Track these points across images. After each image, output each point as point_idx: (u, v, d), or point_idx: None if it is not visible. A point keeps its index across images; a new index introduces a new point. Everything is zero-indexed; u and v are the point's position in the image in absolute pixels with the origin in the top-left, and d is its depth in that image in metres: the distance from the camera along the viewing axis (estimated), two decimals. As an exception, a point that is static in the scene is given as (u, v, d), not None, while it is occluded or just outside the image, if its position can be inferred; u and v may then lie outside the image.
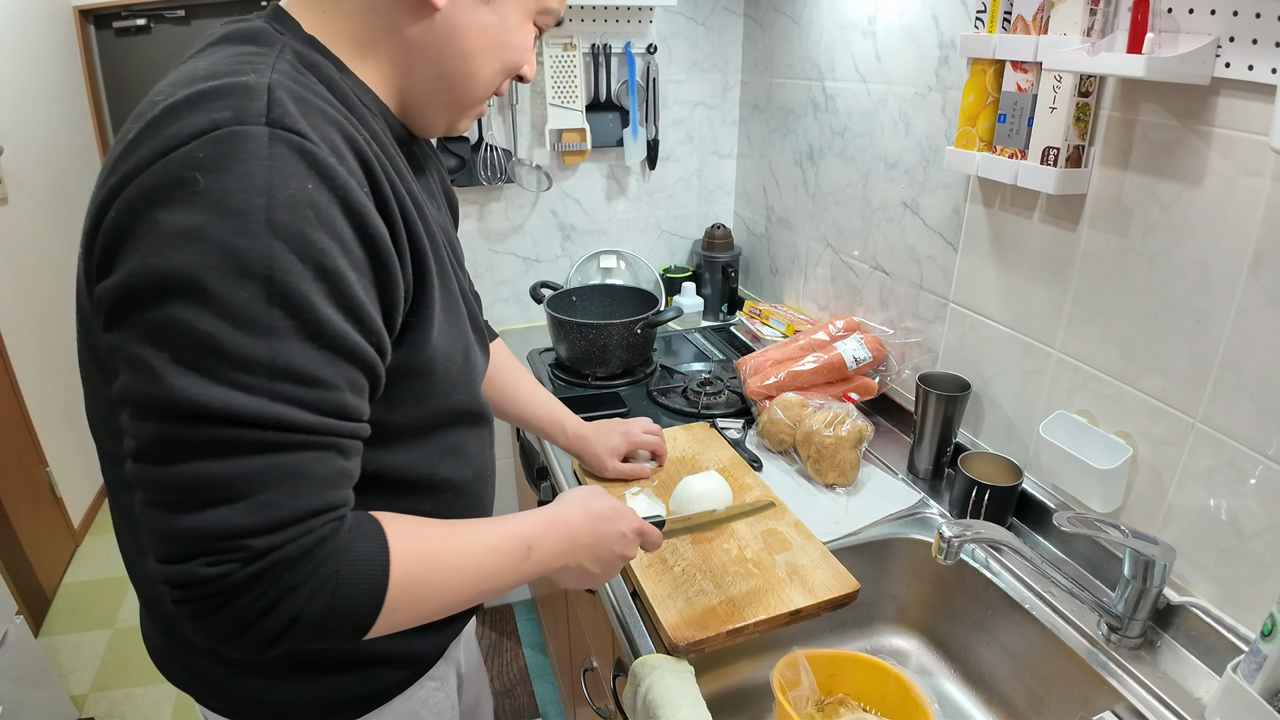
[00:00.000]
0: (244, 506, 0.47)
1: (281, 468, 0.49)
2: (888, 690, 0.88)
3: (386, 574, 0.54)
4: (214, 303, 0.46)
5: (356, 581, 0.53)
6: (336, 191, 0.49)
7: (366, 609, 0.54)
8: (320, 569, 0.51)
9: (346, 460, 0.53)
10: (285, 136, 0.48)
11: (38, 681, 1.72)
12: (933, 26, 1.17)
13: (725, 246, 1.85)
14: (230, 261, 0.46)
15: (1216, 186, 0.79)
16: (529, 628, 2.17)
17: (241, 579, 0.48)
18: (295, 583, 0.50)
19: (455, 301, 0.67)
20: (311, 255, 0.48)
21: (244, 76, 0.50)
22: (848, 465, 1.16)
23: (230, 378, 0.46)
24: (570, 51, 1.64)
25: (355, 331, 0.51)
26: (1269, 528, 0.78)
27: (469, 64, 0.62)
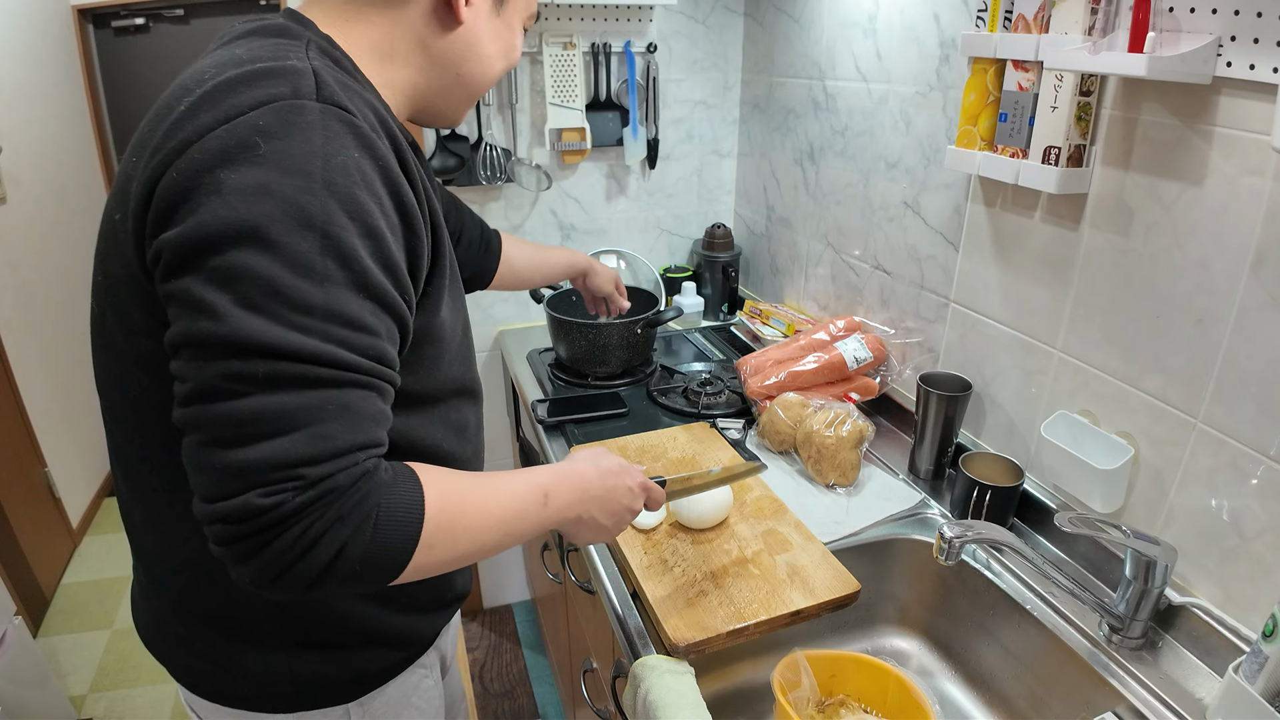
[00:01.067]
0: (302, 436, 0.50)
1: (335, 401, 0.52)
2: (888, 691, 0.88)
3: (423, 509, 0.57)
4: (277, 251, 0.50)
5: (398, 515, 0.55)
6: (377, 161, 0.55)
7: (406, 541, 0.56)
8: (365, 501, 0.53)
9: (385, 403, 0.57)
10: (335, 111, 0.54)
11: (37, 682, 1.72)
12: (934, 25, 1.17)
13: (725, 246, 1.85)
14: (293, 215, 0.50)
15: (1218, 186, 0.79)
16: (529, 628, 2.17)
17: (294, 507, 0.50)
18: (343, 513, 0.52)
19: (456, 281, 0.73)
20: (360, 214, 0.53)
21: (290, 60, 0.56)
22: (848, 465, 1.15)
23: (289, 319, 0.50)
24: (570, 51, 1.64)
25: (392, 287, 0.56)
26: (1270, 528, 0.78)
27: (485, 65, 0.71)
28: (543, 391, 1.51)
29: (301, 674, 0.74)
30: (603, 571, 1.01)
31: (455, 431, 0.76)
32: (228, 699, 0.75)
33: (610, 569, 1.01)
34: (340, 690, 0.77)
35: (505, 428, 1.99)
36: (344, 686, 0.77)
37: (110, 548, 2.58)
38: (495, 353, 1.90)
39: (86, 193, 2.90)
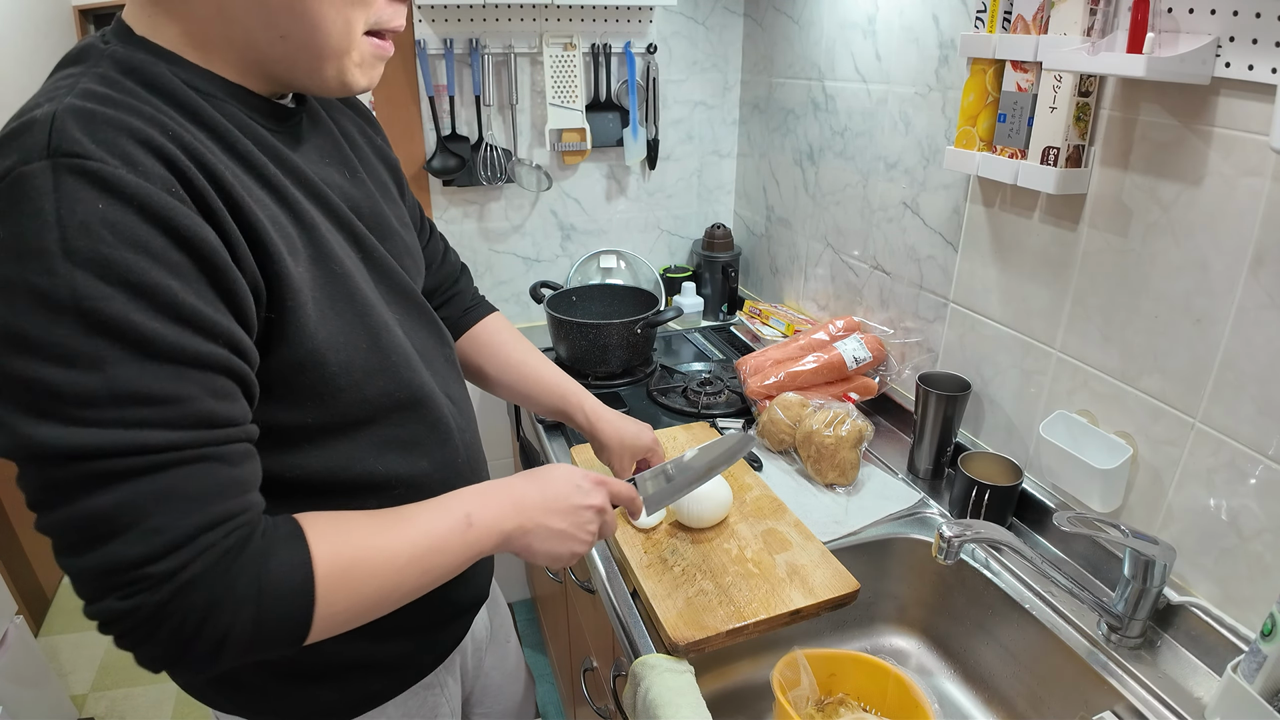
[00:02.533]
0: (132, 537, 0.48)
1: (156, 491, 0.48)
2: (888, 690, 0.88)
3: (311, 570, 0.54)
4: (37, 348, 0.45)
5: (281, 584, 0.52)
6: (131, 202, 0.47)
7: (300, 610, 0.53)
8: (239, 580, 0.51)
9: (233, 468, 0.52)
10: (67, 163, 0.46)
11: (38, 681, 1.72)
12: (933, 26, 1.17)
13: (725, 246, 1.85)
14: (39, 303, 0.45)
15: (1217, 186, 0.79)
16: (529, 628, 2.17)
17: (155, 607, 0.48)
18: (216, 598, 0.50)
19: (342, 284, 0.62)
20: (117, 275, 0.46)
21: (36, 110, 0.50)
22: (848, 465, 1.16)
23: (77, 416, 0.46)
24: (570, 51, 1.64)
25: (197, 337, 0.49)
26: (1269, 527, 0.78)
27: (302, 14, 0.57)
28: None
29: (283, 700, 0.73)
30: (603, 571, 1.01)
31: (399, 450, 0.69)
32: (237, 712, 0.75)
33: (610, 568, 1.01)
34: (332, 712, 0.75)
35: (505, 428, 1.99)
36: (335, 709, 0.75)
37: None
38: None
39: (87, 193, 2.90)
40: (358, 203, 0.70)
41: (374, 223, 0.71)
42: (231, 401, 0.53)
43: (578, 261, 1.88)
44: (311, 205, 0.63)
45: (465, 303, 0.98)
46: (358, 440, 0.66)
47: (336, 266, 0.62)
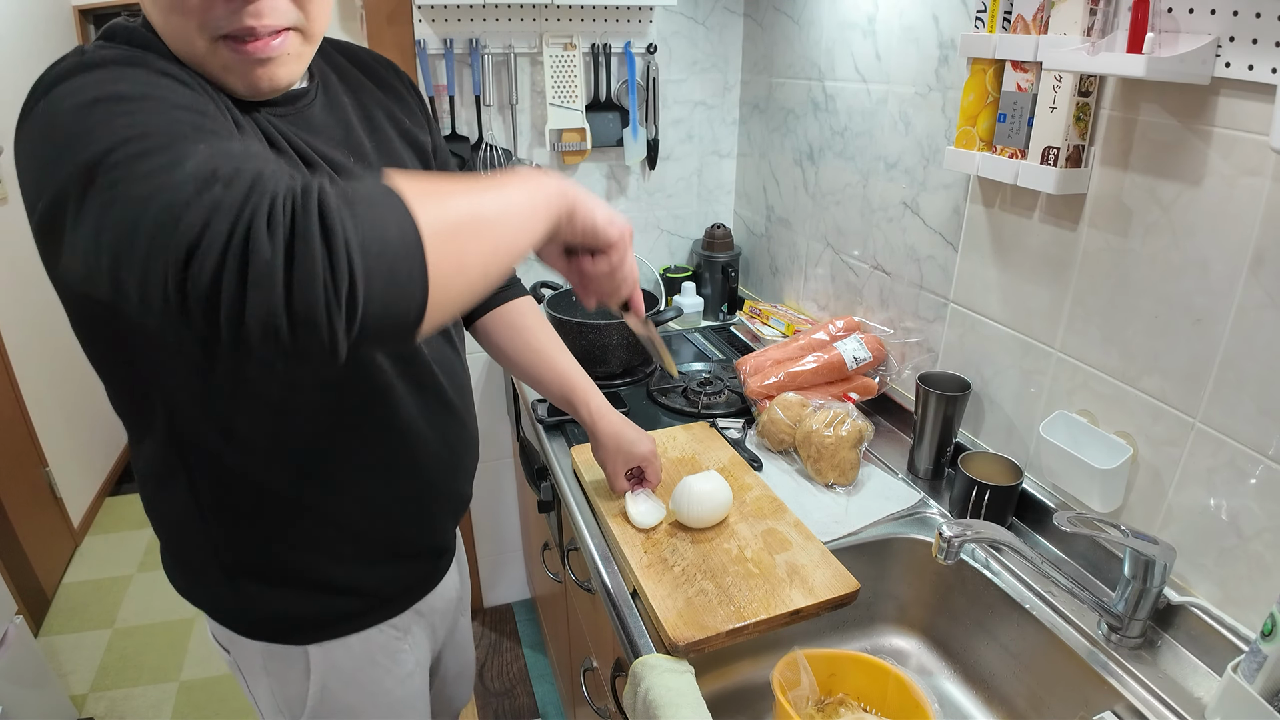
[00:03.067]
0: (198, 159, 0.46)
1: (217, 147, 0.48)
2: (888, 690, 0.88)
3: (382, 180, 0.48)
4: (82, 129, 0.49)
5: (366, 193, 0.45)
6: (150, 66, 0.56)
7: (399, 208, 0.45)
8: (312, 187, 0.43)
9: None
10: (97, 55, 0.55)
11: (38, 681, 1.72)
12: (933, 26, 1.17)
13: (725, 246, 1.85)
14: (78, 108, 0.50)
15: (1216, 186, 0.79)
16: (529, 628, 2.17)
17: (237, 197, 0.42)
18: (303, 189, 0.43)
19: None
20: (142, 77, 0.54)
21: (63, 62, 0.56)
22: (848, 465, 1.16)
23: (137, 118, 0.49)
24: (570, 51, 1.64)
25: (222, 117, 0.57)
26: (1269, 527, 0.78)
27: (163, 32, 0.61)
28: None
29: (254, 607, 0.81)
30: (602, 571, 1.01)
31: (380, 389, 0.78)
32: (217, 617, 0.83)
33: (610, 568, 1.01)
34: (297, 631, 0.83)
35: (505, 427, 1.99)
36: (303, 626, 0.83)
37: (111, 547, 2.58)
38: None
39: (87, 193, 2.90)
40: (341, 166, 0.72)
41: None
42: None
43: (578, 261, 1.88)
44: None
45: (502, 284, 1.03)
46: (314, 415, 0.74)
47: None
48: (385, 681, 0.90)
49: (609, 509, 1.07)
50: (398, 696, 0.92)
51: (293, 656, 0.84)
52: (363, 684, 0.88)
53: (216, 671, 2.05)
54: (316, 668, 0.85)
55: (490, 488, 2.06)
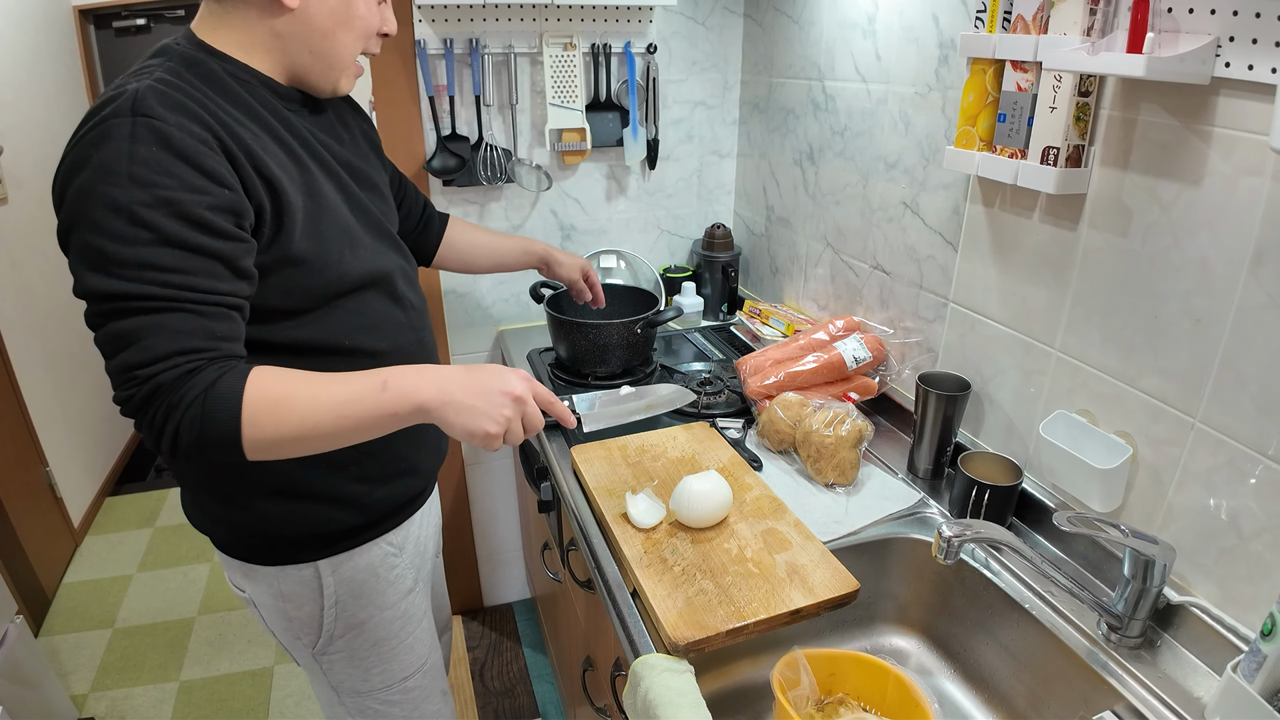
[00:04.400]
0: (131, 351, 0.72)
1: (151, 323, 0.72)
2: (888, 690, 0.88)
3: (242, 395, 0.74)
4: (101, 229, 0.71)
5: (219, 398, 0.73)
6: (174, 148, 0.73)
7: (230, 421, 0.73)
8: (190, 392, 0.72)
9: (209, 321, 0.75)
10: (144, 121, 0.72)
11: (38, 681, 1.72)
12: (933, 26, 1.17)
13: (725, 246, 1.85)
14: (107, 203, 0.71)
15: (1216, 186, 0.79)
16: (529, 628, 2.17)
17: (140, 399, 0.72)
18: (174, 402, 0.72)
19: (326, 212, 0.88)
20: (156, 192, 0.72)
21: (127, 85, 0.75)
22: (847, 465, 1.16)
23: (116, 273, 0.71)
24: (570, 51, 1.64)
25: (202, 235, 0.74)
26: (1269, 527, 0.78)
27: (331, 40, 0.86)
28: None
29: (269, 529, 0.94)
30: (603, 571, 1.01)
31: (363, 330, 0.93)
32: (232, 551, 0.97)
33: (610, 568, 1.01)
34: (307, 547, 0.95)
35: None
36: (310, 544, 0.95)
37: (111, 547, 2.58)
38: (495, 352, 1.90)
39: (87, 193, 2.90)
40: (348, 161, 0.97)
41: (359, 176, 0.98)
42: (219, 279, 0.76)
43: (578, 261, 1.88)
44: (310, 159, 0.89)
45: (436, 224, 1.33)
46: (330, 319, 0.90)
47: (322, 200, 0.88)
48: (389, 594, 1.03)
49: (609, 509, 1.07)
50: (403, 610, 1.05)
51: (305, 576, 0.96)
52: (370, 596, 1.01)
53: (217, 671, 2.05)
54: (328, 582, 0.97)
55: (490, 488, 2.06)
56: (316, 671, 1.06)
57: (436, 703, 1.17)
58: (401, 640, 1.06)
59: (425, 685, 1.13)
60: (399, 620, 1.05)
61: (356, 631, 1.02)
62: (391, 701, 1.09)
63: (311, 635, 1.00)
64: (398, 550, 1.04)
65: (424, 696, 1.13)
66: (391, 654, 1.06)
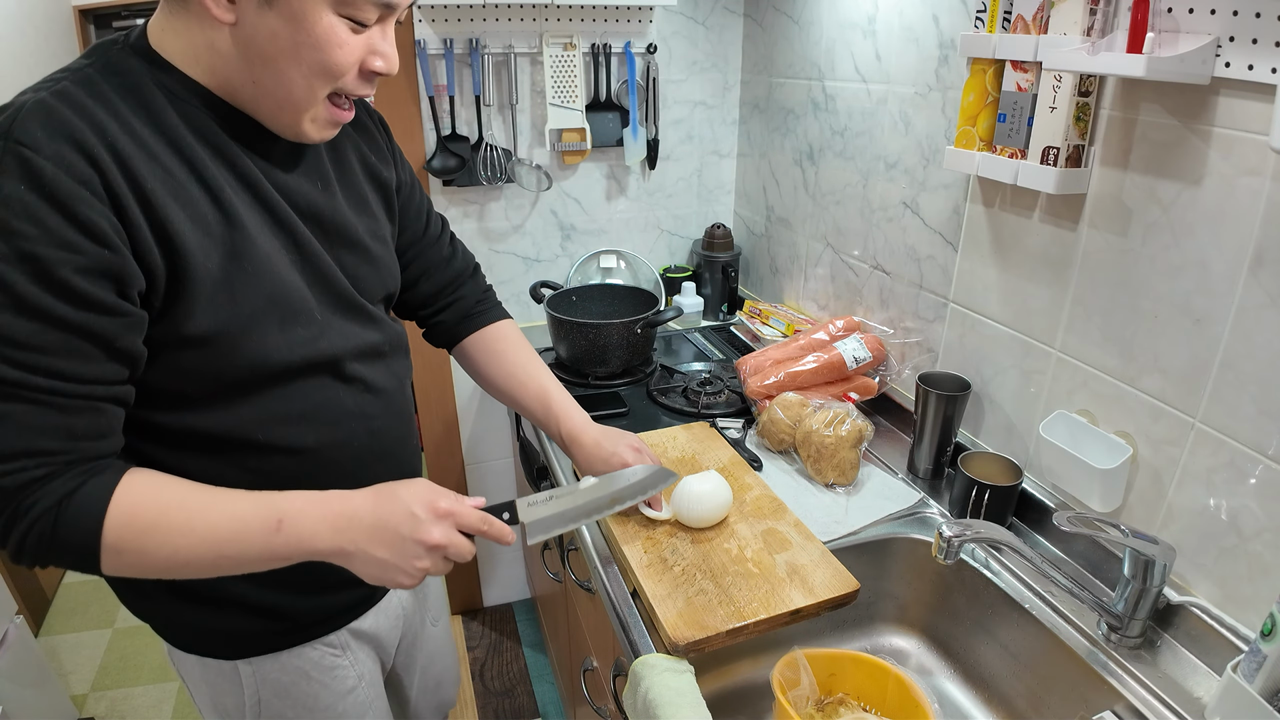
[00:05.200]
0: None
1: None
2: (888, 690, 0.88)
3: (102, 515, 0.62)
4: None
5: (74, 517, 0.62)
6: (44, 189, 0.57)
7: (86, 541, 0.62)
8: (40, 503, 0.61)
9: (68, 416, 0.62)
10: (14, 149, 0.57)
11: (38, 681, 1.72)
12: (933, 26, 1.17)
13: (725, 246, 1.85)
14: None
15: (1216, 186, 0.79)
16: (529, 628, 2.17)
17: None
18: (18, 512, 0.60)
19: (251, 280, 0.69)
20: (14, 244, 0.57)
21: (24, 96, 0.61)
22: (847, 465, 1.16)
23: None
24: (570, 51, 1.64)
25: (65, 304, 0.59)
26: (1269, 527, 0.78)
27: (273, 71, 0.66)
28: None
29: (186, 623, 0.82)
30: (602, 570, 1.01)
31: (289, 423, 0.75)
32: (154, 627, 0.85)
33: (610, 568, 1.01)
34: (223, 646, 0.83)
35: (505, 428, 1.99)
36: (225, 643, 0.83)
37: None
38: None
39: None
40: (319, 211, 0.77)
41: (333, 231, 0.79)
42: (87, 361, 0.61)
43: (578, 261, 1.88)
44: (249, 207, 0.70)
45: (466, 309, 1.04)
46: (244, 408, 0.73)
47: (249, 263, 0.69)
48: (323, 696, 0.88)
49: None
50: (339, 711, 0.90)
51: (224, 670, 0.84)
52: (298, 698, 0.87)
53: (216, 671, 2.06)
54: (248, 682, 0.85)
55: (490, 488, 2.06)
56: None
57: None
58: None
59: None
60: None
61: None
62: None
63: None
64: (339, 650, 0.89)
65: None
66: None
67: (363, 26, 0.67)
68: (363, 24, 0.67)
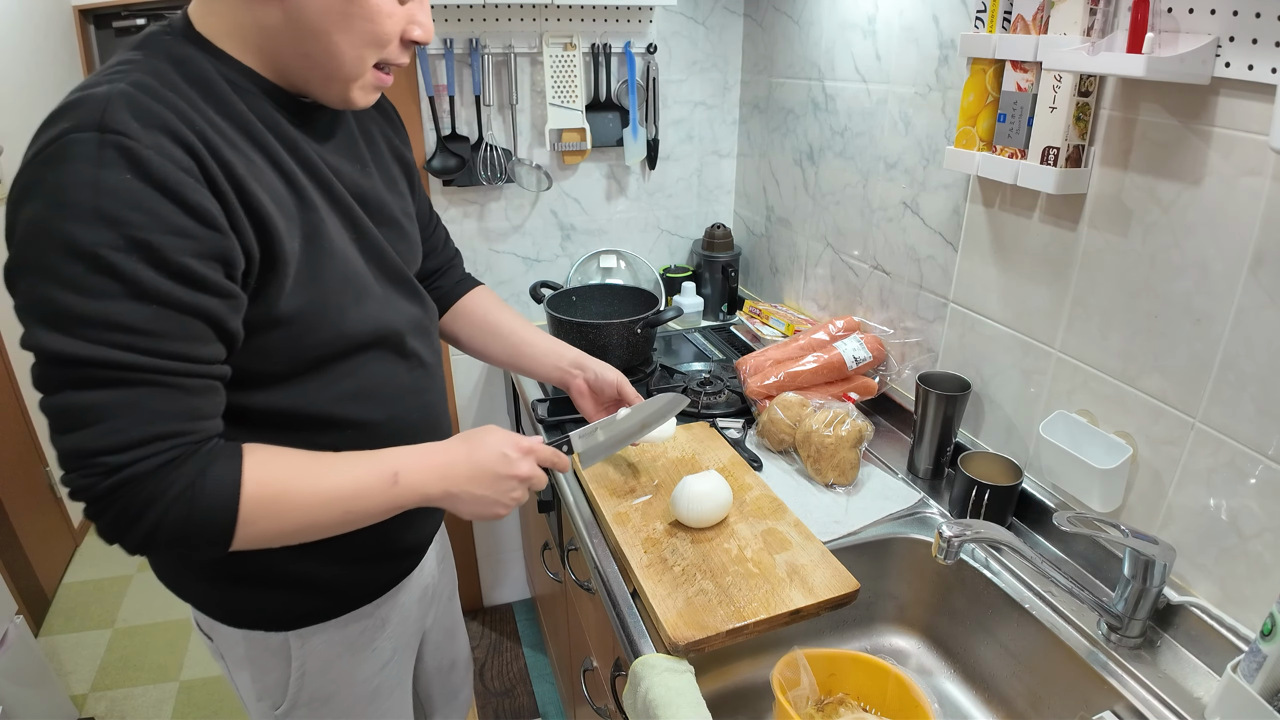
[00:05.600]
0: (95, 431, 0.60)
1: (122, 400, 0.60)
2: (888, 690, 0.88)
3: (238, 490, 0.65)
4: (58, 277, 0.58)
5: (210, 496, 0.64)
6: (151, 177, 0.59)
7: (223, 520, 0.65)
8: (174, 485, 0.62)
9: (191, 396, 0.64)
10: (112, 139, 0.58)
11: (38, 681, 1.72)
12: (933, 26, 1.17)
13: (725, 246, 1.85)
14: (66, 244, 0.57)
15: (1216, 186, 0.79)
16: (529, 628, 2.17)
17: (104, 490, 0.61)
18: (154, 495, 0.62)
19: (329, 258, 0.73)
20: (128, 232, 0.58)
21: (96, 88, 0.61)
22: (847, 465, 1.16)
23: (77, 332, 0.58)
24: (570, 51, 1.64)
25: (180, 287, 0.61)
26: (1269, 527, 0.78)
27: (324, 41, 0.68)
28: (543, 391, 1.52)
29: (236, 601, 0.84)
30: (603, 571, 1.01)
31: (360, 398, 0.80)
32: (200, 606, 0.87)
33: (610, 568, 1.01)
34: (277, 621, 0.86)
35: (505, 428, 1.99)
36: (279, 619, 0.86)
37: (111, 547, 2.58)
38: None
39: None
40: (363, 191, 0.81)
41: (375, 210, 0.82)
42: (202, 343, 0.64)
43: (578, 261, 1.88)
44: (315, 191, 0.73)
45: (456, 276, 1.13)
46: (317, 385, 0.76)
47: (324, 244, 0.73)
48: (363, 669, 0.93)
49: (609, 509, 1.07)
50: (376, 684, 0.95)
51: (273, 643, 0.86)
52: (340, 670, 0.91)
53: (217, 671, 2.05)
54: (295, 654, 0.87)
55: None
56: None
57: None
58: (370, 715, 0.96)
59: None
60: (370, 694, 0.95)
61: (323, 702, 0.92)
62: None
63: (275, 698, 0.90)
64: (379, 623, 0.94)
65: None
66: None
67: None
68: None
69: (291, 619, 0.86)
